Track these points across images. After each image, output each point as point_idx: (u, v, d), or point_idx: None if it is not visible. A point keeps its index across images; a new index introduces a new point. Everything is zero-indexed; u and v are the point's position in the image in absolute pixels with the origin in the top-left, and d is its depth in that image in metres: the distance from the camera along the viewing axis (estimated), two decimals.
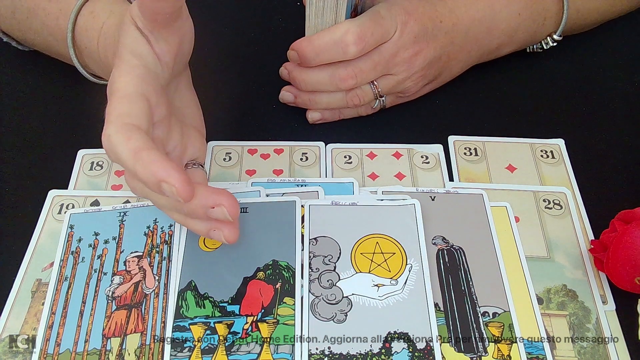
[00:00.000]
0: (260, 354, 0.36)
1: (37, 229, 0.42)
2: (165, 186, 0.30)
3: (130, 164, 0.31)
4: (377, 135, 0.50)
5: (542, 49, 0.54)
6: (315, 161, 0.47)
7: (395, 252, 0.40)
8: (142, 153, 0.31)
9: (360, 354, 0.36)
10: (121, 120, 0.32)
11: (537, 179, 0.47)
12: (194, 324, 0.37)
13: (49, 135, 0.49)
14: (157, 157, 0.30)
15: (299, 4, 0.55)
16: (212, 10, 0.61)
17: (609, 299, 0.40)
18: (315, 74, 0.46)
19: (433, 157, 0.48)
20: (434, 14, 0.46)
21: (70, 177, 0.46)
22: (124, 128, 0.32)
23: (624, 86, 0.55)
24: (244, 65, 0.56)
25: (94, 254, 0.41)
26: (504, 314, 0.38)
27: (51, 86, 0.53)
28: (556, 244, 0.42)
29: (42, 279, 0.40)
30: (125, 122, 0.32)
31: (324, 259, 0.40)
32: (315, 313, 0.37)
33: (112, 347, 0.36)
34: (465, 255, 0.41)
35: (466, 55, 0.50)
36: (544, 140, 0.49)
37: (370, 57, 0.44)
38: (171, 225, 0.42)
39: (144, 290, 0.39)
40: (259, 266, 0.40)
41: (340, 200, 0.43)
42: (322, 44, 0.43)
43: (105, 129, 0.32)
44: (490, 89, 0.54)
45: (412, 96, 0.50)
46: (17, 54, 0.55)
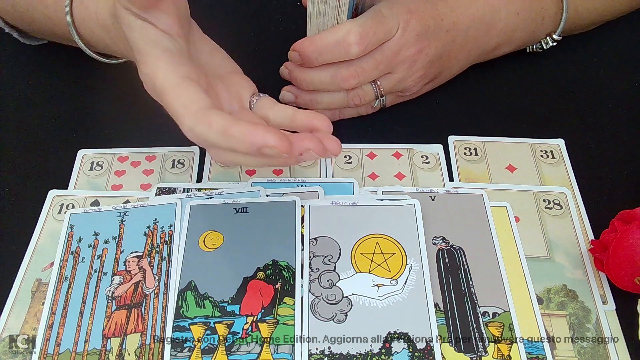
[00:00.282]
0: (260, 354, 0.36)
1: (37, 229, 0.42)
2: (267, 149, 0.31)
3: (225, 143, 0.32)
4: (377, 135, 0.50)
5: (541, 49, 0.54)
6: (315, 161, 0.47)
7: (395, 252, 0.40)
8: (231, 130, 0.31)
9: (360, 354, 0.36)
10: (191, 110, 0.33)
11: (537, 179, 0.47)
12: (194, 324, 0.37)
13: (49, 135, 0.49)
14: (246, 128, 0.31)
15: (299, 3, 0.55)
16: (212, 10, 0.61)
17: (609, 299, 0.40)
18: (316, 74, 0.46)
19: (433, 157, 0.48)
20: (435, 12, 0.46)
21: (70, 177, 0.46)
22: (199, 115, 0.32)
23: (624, 86, 0.55)
24: (244, 65, 0.55)
25: (94, 254, 0.41)
26: (504, 314, 0.38)
27: (51, 86, 0.53)
28: (556, 244, 0.42)
29: (42, 279, 0.40)
30: (196, 109, 0.33)
31: (324, 259, 0.40)
32: (315, 313, 0.37)
33: (112, 347, 0.37)
34: (465, 255, 0.41)
35: (466, 54, 0.50)
36: (544, 140, 0.49)
37: (373, 56, 0.44)
38: (171, 225, 0.42)
39: (144, 290, 0.39)
40: (259, 266, 0.40)
41: (340, 200, 0.43)
42: (324, 45, 0.43)
43: (182, 124, 0.33)
44: (490, 89, 0.54)
45: (412, 95, 0.50)
46: (17, 54, 0.55)
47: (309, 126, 0.38)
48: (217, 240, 0.41)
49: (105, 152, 0.48)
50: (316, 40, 0.43)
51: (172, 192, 0.45)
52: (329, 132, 0.37)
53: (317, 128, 0.37)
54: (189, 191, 0.45)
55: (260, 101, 0.41)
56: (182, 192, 0.45)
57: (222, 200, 0.43)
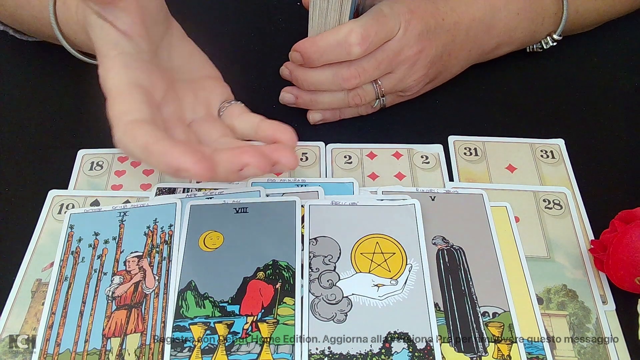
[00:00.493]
0: (260, 354, 0.36)
1: (37, 229, 0.42)
2: (183, 172, 0.31)
3: (146, 160, 0.32)
4: (377, 135, 0.50)
5: (542, 48, 0.54)
6: (315, 161, 0.47)
7: (395, 252, 0.40)
8: (151, 148, 0.31)
9: (360, 354, 0.36)
10: (123, 121, 0.33)
11: (537, 179, 0.47)
12: (194, 324, 0.37)
13: (49, 135, 0.49)
14: (165, 148, 0.31)
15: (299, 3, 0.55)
16: (212, 10, 0.61)
17: (609, 299, 0.40)
18: (317, 74, 0.46)
19: (433, 157, 0.48)
20: (436, 11, 0.46)
21: (70, 177, 0.46)
22: (127, 128, 0.32)
23: (624, 86, 0.55)
24: (244, 65, 0.56)
25: (94, 254, 0.41)
26: (504, 314, 0.38)
27: (51, 86, 0.53)
28: (556, 244, 0.42)
29: (42, 279, 0.40)
30: (127, 120, 0.33)
31: (324, 259, 0.40)
32: (315, 313, 0.37)
33: (112, 347, 0.36)
34: (465, 255, 0.41)
35: (466, 54, 0.50)
36: (544, 140, 0.49)
37: (374, 56, 0.44)
38: (171, 225, 0.42)
39: (144, 290, 0.39)
40: (259, 266, 0.40)
41: (340, 200, 0.43)
42: (326, 45, 0.43)
43: (114, 134, 0.33)
44: (490, 89, 0.54)
45: (413, 95, 0.50)
46: (16, 54, 0.55)
47: (272, 138, 0.38)
48: (217, 240, 0.41)
49: (105, 152, 0.48)
50: (318, 40, 0.43)
51: (172, 192, 0.45)
52: (292, 145, 0.37)
53: (280, 140, 0.37)
54: (189, 191, 0.45)
55: (230, 109, 0.41)
56: (182, 192, 0.45)
57: (222, 200, 0.43)
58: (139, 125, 0.32)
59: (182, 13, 0.43)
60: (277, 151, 0.35)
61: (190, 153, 0.30)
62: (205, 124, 0.40)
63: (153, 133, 0.32)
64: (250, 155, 0.33)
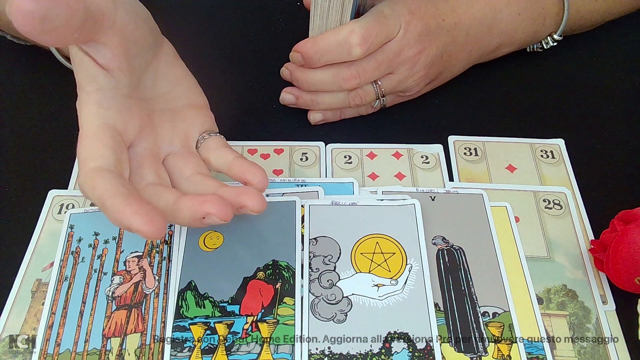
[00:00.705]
0: (260, 354, 0.36)
1: (37, 229, 0.42)
2: (133, 230, 0.31)
3: (103, 211, 0.32)
4: (377, 135, 0.50)
5: (542, 48, 0.54)
6: (315, 161, 0.47)
7: (395, 252, 0.40)
8: (106, 202, 0.31)
9: (360, 354, 0.36)
10: (86, 167, 0.33)
11: (537, 179, 0.47)
12: (194, 324, 0.37)
13: (49, 135, 0.49)
14: (118, 206, 0.31)
15: (299, 3, 0.55)
16: (212, 10, 0.61)
17: (609, 299, 0.40)
18: (318, 74, 0.46)
19: (433, 157, 0.48)
20: (437, 12, 0.46)
21: (70, 177, 0.46)
22: (89, 176, 0.32)
23: (624, 86, 0.55)
24: (244, 65, 0.56)
25: (94, 254, 0.41)
26: (504, 314, 0.38)
27: (51, 86, 0.53)
28: (556, 244, 0.42)
29: (42, 279, 0.40)
30: (90, 167, 0.32)
31: (324, 259, 0.40)
32: (315, 313, 0.37)
33: (112, 347, 0.37)
34: (465, 255, 0.41)
35: (467, 55, 0.50)
36: (544, 140, 0.49)
37: (374, 57, 0.44)
38: (171, 225, 0.42)
39: (144, 290, 0.39)
40: (259, 266, 0.40)
41: (340, 200, 0.43)
42: (327, 46, 0.43)
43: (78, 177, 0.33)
44: (490, 89, 0.54)
45: (413, 95, 0.50)
46: (16, 54, 0.55)
47: (243, 179, 0.37)
48: (217, 240, 0.41)
49: None
50: (318, 41, 0.43)
51: None
52: (262, 188, 0.37)
53: (250, 182, 0.37)
54: None
55: (207, 142, 0.40)
56: None
57: None
58: (100, 174, 0.32)
59: (182, 14, 0.43)
60: (245, 195, 0.35)
61: (142, 214, 0.30)
62: (180, 159, 0.39)
63: (112, 184, 0.31)
64: (212, 204, 0.33)
